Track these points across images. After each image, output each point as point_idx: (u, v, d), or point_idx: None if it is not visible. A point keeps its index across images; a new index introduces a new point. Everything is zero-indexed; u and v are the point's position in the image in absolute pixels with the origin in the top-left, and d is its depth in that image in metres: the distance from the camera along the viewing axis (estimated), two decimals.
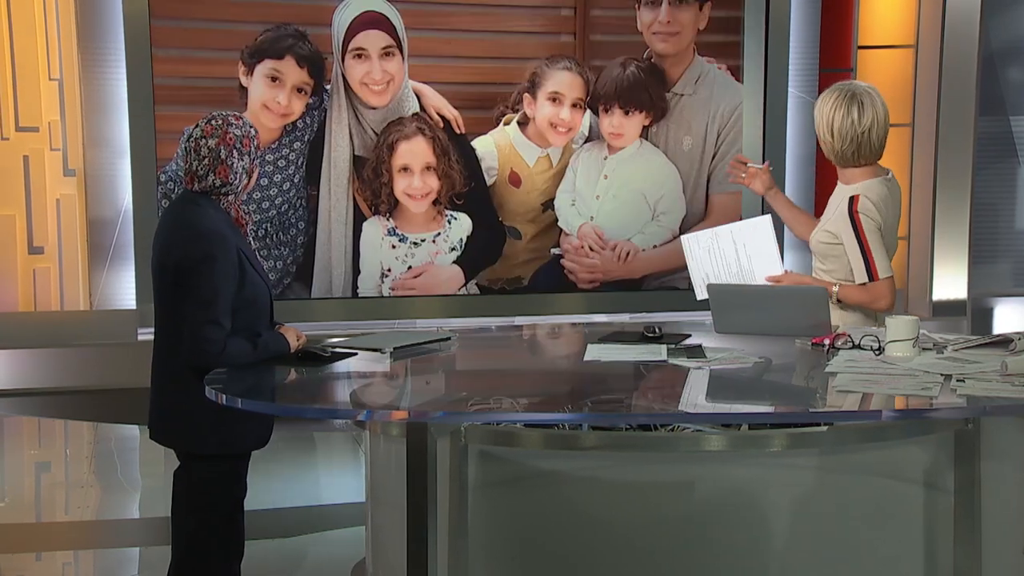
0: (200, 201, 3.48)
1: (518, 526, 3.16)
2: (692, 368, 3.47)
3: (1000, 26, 8.73)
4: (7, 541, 5.13)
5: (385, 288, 7.73)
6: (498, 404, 3.19)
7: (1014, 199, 8.93)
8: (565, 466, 3.14)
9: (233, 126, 3.51)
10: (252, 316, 3.45)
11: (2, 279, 7.52)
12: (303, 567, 4.75)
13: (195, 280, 3.35)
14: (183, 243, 3.41)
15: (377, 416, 3.06)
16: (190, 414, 3.36)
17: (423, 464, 3.00)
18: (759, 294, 3.96)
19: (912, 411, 3.07)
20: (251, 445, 3.52)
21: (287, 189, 7.49)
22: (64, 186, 7.52)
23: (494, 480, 3.14)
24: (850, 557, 3.14)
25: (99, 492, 5.92)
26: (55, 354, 7.44)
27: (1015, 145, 8.85)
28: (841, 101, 4.11)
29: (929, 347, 3.57)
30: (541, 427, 3.17)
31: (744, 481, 3.14)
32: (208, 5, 7.42)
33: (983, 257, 8.76)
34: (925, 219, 8.51)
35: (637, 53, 7.88)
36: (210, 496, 3.47)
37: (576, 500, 3.14)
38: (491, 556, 3.13)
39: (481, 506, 3.13)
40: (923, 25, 8.42)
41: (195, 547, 3.50)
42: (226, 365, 3.35)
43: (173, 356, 3.42)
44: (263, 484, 5.66)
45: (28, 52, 7.43)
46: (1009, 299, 8.82)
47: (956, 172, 8.43)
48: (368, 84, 7.50)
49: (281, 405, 3.21)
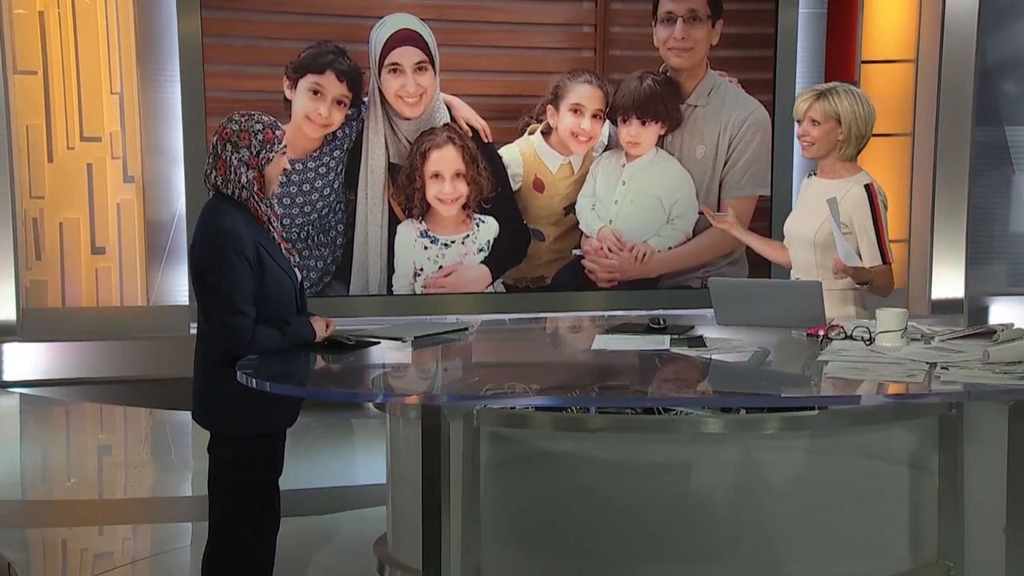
0: (219, 203, 3.42)
1: (527, 503, 3.12)
2: (693, 356, 3.43)
3: (995, 41, 8.66)
4: (73, 516, 5.15)
5: (418, 286, 7.72)
6: (507, 389, 3.16)
7: (1009, 204, 8.86)
8: (572, 447, 3.10)
9: (233, 122, 3.41)
10: (278, 307, 3.42)
11: (68, 277, 7.57)
12: (333, 542, 4.75)
13: (213, 276, 3.32)
14: (201, 243, 3.38)
15: (392, 399, 3.04)
16: (225, 398, 3.34)
17: (437, 445, 2.97)
18: (757, 288, 3.91)
19: (895, 396, 3.02)
20: (280, 425, 3.50)
21: (327, 194, 7.48)
22: (124, 191, 7.56)
23: (505, 460, 3.11)
24: (839, 534, 3.10)
25: (154, 472, 5.93)
26: (115, 346, 7.49)
27: (1010, 153, 8.78)
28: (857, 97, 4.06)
29: (917, 338, 3.51)
30: (550, 410, 3.13)
31: (740, 461, 3.10)
32: (255, 24, 7.43)
33: (979, 259, 8.70)
34: (924, 222, 8.46)
35: (653, 67, 7.84)
36: (243, 474, 3.44)
37: (582, 479, 3.10)
38: (502, 531, 3.10)
39: (492, 484, 3.10)
40: (923, 41, 8.38)
41: (230, 522, 3.47)
42: (257, 352, 3.32)
43: (209, 346, 3.41)
44: (303, 466, 5.68)
45: (92, 69, 7.48)
46: (1004, 298, 8.74)
47: (954, 179, 8.38)
48: (403, 97, 7.50)
49: (306, 388, 3.19)
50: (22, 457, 6.20)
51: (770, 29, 8.03)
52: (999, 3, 8.61)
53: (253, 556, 3.50)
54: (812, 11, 8.22)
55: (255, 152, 3.40)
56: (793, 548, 3.07)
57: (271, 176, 3.46)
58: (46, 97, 7.43)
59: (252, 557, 3.49)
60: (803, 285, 3.83)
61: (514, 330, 4.68)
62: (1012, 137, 8.76)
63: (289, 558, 4.23)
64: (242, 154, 3.39)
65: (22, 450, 6.34)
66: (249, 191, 3.41)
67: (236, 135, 3.40)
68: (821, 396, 3.10)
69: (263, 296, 3.37)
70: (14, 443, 6.45)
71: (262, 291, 3.37)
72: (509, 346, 4.21)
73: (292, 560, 4.34)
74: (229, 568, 3.47)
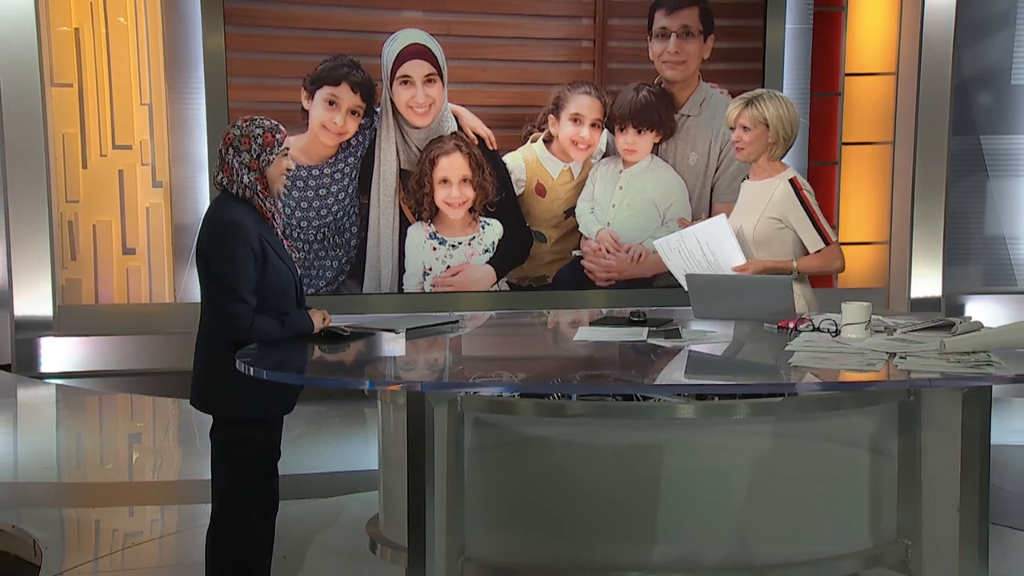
0: (226, 199, 3.41)
1: (510, 485, 3.09)
2: (669, 347, 3.39)
3: (971, 56, 8.62)
4: (106, 497, 5.15)
5: (427, 285, 7.70)
6: (494, 378, 3.13)
7: (983, 208, 8.81)
8: (552, 432, 3.06)
9: (235, 127, 3.40)
10: (278, 298, 3.39)
11: (101, 276, 7.59)
12: (330, 522, 4.74)
13: (218, 265, 3.30)
14: (208, 234, 3.36)
15: (377, 386, 3.00)
16: (226, 383, 3.31)
17: (421, 430, 2.93)
18: (732, 283, 3.86)
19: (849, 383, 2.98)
20: (278, 411, 3.47)
21: (342, 198, 7.47)
22: (152, 196, 7.56)
23: (488, 444, 3.07)
24: (804, 514, 3.06)
25: (180, 457, 5.92)
26: (144, 340, 7.50)
27: (984, 161, 8.74)
28: (781, 100, 4.05)
29: (881, 330, 3.46)
30: (532, 397, 3.10)
31: (712, 446, 3.06)
32: (275, 40, 7.43)
33: (956, 260, 8.67)
34: (904, 226, 8.41)
35: (648, 79, 7.82)
36: (243, 456, 3.42)
37: (562, 462, 3.07)
38: (485, 511, 3.07)
39: (476, 467, 3.06)
40: (903, 55, 8.35)
41: (232, 501, 3.44)
42: (256, 339, 3.30)
43: (210, 333, 3.39)
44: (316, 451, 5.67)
45: (123, 82, 7.50)
46: (979, 297, 8.70)
47: (932, 184, 8.35)
48: (413, 107, 7.48)
49: (298, 375, 3.16)
50: (58, 443, 6.21)
51: (759, 44, 8.00)
52: (974, 20, 8.57)
53: (254, 534, 3.47)
54: (798, 27, 8.18)
55: (255, 155, 3.39)
56: (760, 527, 3.04)
57: (273, 177, 3.44)
58: (81, 108, 7.46)
59: (253, 535, 3.46)
60: (774, 281, 3.78)
61: (503, 324, 4.64)
62: (986, 146, 8.71)
63: (288, 537, 4.24)
64: (243, 157, 3.38)
65: (58, 436, 6.35)
66: (253, 190, 3.40)
67: (238, 140, 3.39)
68: (788, 384, 3.06)
69: (264, 287, 3.34)
70: (51, 430, 6.47)
71: (264, 282, 3.34)
72: (496, 338, 4.18)
73: (291, 538, 4.33)
74: (231, 545, 3.44)
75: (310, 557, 4.32)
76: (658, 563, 3.01)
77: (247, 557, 3.47)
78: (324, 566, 4.26)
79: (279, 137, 3.43)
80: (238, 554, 3.45)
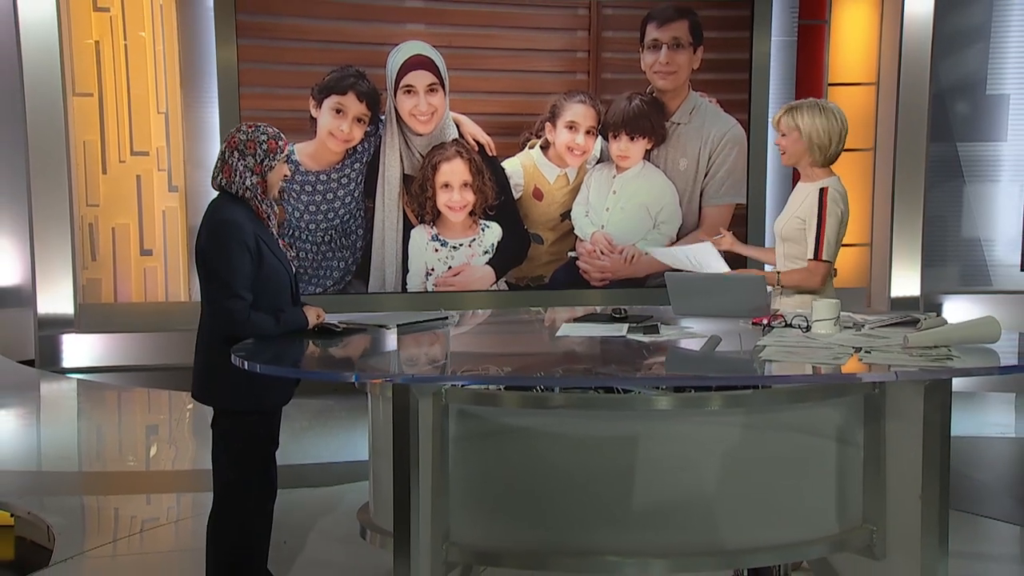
0: (224, 200, 3.39)
1: (493, 474, 3.06)
2: (647, 342, 3.37)
3: (948, 67, 8.61)
4: (124, 485, 5.18)
5: (429, 285, 7.69)
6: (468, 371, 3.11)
7: (960, 212, 8.80)
8: (535, 423, 3.04)
9: (240, 132, 3.41)
10: (274, 295, 3.37)
11: (120, 276, 7.59)
12: (328, 509, 4.74)
13: (214, 262, 3.28)
14: (206, 233, 3.34)
15: (363, 378, 2.99)
16: (223, 376, 3.29)
17: (406, 421, 2.91)
18: (709, 281, 3.85)
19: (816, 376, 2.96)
20: (275, 402, 3.46)
21: (348, 202, 7.47)
22: (168, 200, 7.57)
23: (472, 435, 3.05)
24: (774, 502, 3.03)
25: (194, 447, 5.93)
26: (161, 337, 7.51)
27: (961, 167, 8.74)
28: (821, 111, 4.03)
29: (850, 325, 3.44)
30: (516, 389, 3.08)
31: (687, 436, 3.03)
32: (285, 51, 7.43)
33: (934, 261, 8.66)
34: (884, 228, 8.41)
35: (641, 89, 7.81)
36: (242, 445, 3.40)
37: (543, 452, 3.04)
38: (469, 499, 3.05)
39: (460, 457, 3.04)
40: (883, 66, 8.35)
41: (231, 489, 3.42)
42: (252, 334, 3.28)
43: (209, 328, 3.37)
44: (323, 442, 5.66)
45: (141, 91, 7.51)
46: (956, 296, 8.68)
47: (911, 189, 8.35)
48: (416, 115, 7.48)
49: (291, 369, 3.14)
50: (79, 434, 6.22)
51: (746, 55, 7.99)
52: (951, 33, 8.56)
53: (252, 521, 3.45)
54: (784, 39, 8.17)
55: (259, 160, 3.39)
56: (734, 513, 3.01)
57: (272, 181, 3.44)
58: (101, 116, 7.47)
59: (251, 521, 3.45)
60: (749, 278, 3.77)
61: (493, 321, 4.62)
62: (963, 152, 8.70)
63: (288, 523, 4.23)
64: (248, 161, 3.38)
65: (79, 428, 6.36)
66: (253, 192, 3.38)
67: (243, 144, 3.39)
68: (758, 377, 3.04)
69: (260, 284, 3.33)
70: (72, 422, 6.48)
71: (260, 279, 3.32)
72: (485, 334, 4.17)
73: (290, 524, 4.32)
74: (230, 531, 3.43)
75: (308, 543, 4.31)
76: (635, 547, 2.98)
77: (246, 542, 3.45)
78: (319, 551, 4.25)
79: (282, 144, 3.45)
80: (237, 540, 3.43)
